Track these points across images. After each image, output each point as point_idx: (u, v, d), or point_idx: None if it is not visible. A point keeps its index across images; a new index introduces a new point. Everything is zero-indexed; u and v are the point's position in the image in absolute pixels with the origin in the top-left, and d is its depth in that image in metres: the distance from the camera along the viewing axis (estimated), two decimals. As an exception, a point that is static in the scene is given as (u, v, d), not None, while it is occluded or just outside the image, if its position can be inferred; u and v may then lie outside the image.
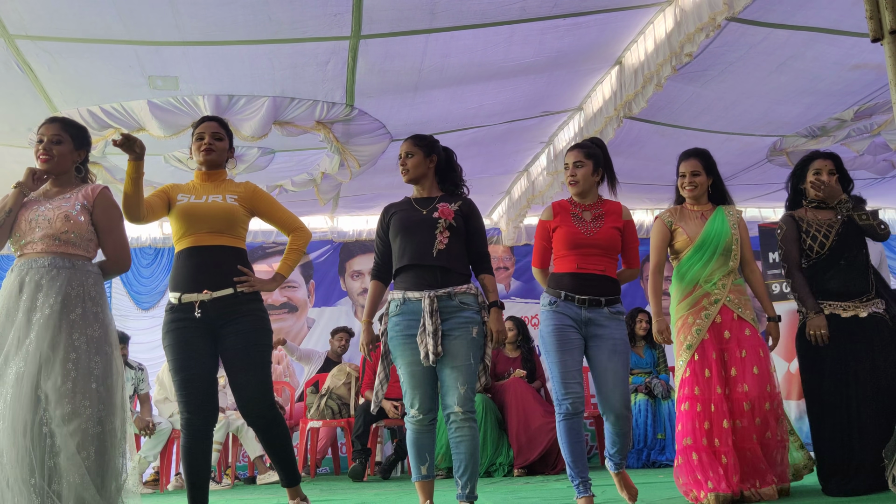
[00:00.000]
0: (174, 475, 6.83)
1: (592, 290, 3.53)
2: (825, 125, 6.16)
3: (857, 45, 4.93)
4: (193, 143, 3.48)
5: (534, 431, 6.27)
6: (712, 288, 3.79)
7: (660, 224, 3.97)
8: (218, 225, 3.29)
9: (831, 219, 3.91)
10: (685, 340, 3.78)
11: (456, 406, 3.36)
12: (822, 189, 3.87)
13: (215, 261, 3.27)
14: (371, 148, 5.99)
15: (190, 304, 3.23)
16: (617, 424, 3.56)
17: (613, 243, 3.60)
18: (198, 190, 3.40)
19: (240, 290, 3.27)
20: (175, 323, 3.25)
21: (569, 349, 3.51)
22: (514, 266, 8.80)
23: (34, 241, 3.09)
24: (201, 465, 3.26)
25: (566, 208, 3.68)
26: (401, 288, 3.45)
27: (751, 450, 3.62)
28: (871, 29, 2.71)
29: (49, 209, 3.13)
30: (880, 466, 3.42)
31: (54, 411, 2.92)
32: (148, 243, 8.49)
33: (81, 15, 4.22)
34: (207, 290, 3.22)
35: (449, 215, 3.46)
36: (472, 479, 3.39)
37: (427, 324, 3.32)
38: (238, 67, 4.86)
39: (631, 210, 4.07)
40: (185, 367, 3.21)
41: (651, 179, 7.41)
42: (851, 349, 3.72)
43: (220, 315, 3.24)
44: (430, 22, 4.51)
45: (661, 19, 4.98)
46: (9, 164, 5.96)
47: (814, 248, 3.86)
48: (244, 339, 3.24)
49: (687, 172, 3.93)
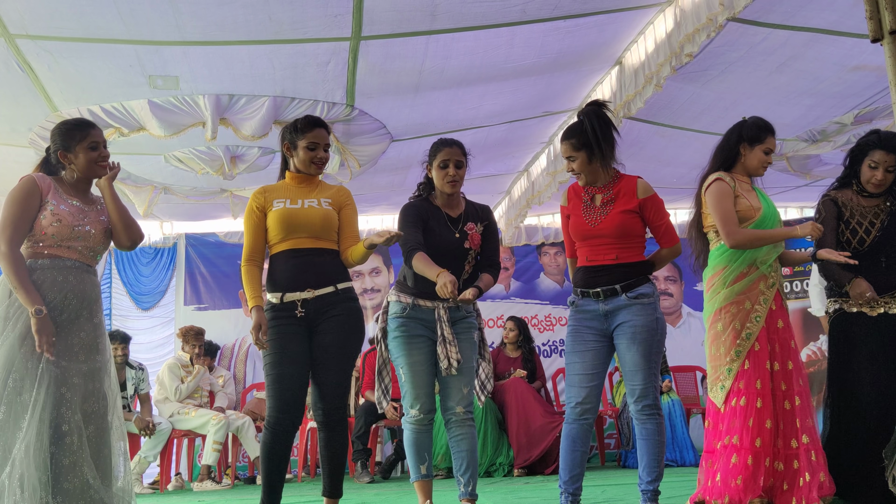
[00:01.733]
0: (174, 475, 6.83)
1: (604, 281, 3.31)
2: (825, 129, 6.16)
3: (858, 45, 4.93)
4: (302, 148, 3.38)
5: (534, 431, 6.27)
6: (769, 270, 3.41)
7: (723, 184, 3.47)
8: (315, 230, 3.32)
9: (878, 206, 3.64)
10: (742, 329, 3.36)
11: (458, 406, 3.41)
12: (880, 188, 3.61)
13: (315, 261, 3.31)
14: (371, 148, 5.99)
15: (291, 304, 3.26)
16: (638, 421, 3.29)
17: (625, 229, 3.32)
18: (293, 193, 3.39)
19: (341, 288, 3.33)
20: (276, 321, 3.27)
21: (580, 351, 3.36)
22: (514, 266, 8.80)
23: (70, 252, 3.16)
24: (281, 467, 3.26)
25: (578, 193, 3.46)
26: (410, 293, 3.42)
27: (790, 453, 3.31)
28: (870, 29, 2.71)
29: (92, 221, 3.22)
30: (880, 467, 3.32)
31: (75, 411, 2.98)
32: (148, 243, 8.49)
33: (82, 14, 4.22)
34: (310, 288, 3.26)
35: (476, 245, 3.49)
36: (473, 477, 3.43)
37: (446, 333, 3.35)
38: (238, 67, 4.86)
39: (672, 210, 3.84)
40: (278, 364, 3.22)
41: (651, 181, 7.38)
42: (882, 350, 3.50)
43: (319, 313, 3.28)
44: (431, 24, 4.51)
45: (660, 19, 4.98)
46: (9, 163, 5.96)
47: (851, 243, 3.61)
48: (338, 336, 3.29)
49: (772, 150, 3.54)
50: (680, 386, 7.39)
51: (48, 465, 2.89)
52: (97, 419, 3.05)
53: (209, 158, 5.83)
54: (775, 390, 3.32)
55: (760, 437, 3.25)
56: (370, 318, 8.33)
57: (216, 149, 5.71)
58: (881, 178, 3.59)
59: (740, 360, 3.35)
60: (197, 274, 8.47)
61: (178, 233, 8.56)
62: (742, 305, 3.38)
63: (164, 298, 8.38)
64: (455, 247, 3.45)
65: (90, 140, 3.22)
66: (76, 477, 2.93)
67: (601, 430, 7.17)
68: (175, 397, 6.67)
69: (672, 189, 7.55)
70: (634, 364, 3.27)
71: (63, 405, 2.97)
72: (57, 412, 2.95)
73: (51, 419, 2.93)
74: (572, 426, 3.36)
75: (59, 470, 2.91)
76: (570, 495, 3.36)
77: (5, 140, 5.70)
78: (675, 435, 6.54)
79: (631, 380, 3.30)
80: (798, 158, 6.71)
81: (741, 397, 3.32)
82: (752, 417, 3.28)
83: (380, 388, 3.58)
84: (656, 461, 3.29)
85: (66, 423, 2.96)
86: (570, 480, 3.36)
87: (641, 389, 3.28)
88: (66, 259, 3.12)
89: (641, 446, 3.31)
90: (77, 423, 2.98)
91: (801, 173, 7.02)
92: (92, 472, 2.96)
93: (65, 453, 2.93)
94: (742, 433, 3.27)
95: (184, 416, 6.63)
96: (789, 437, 3.30)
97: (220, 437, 6.53)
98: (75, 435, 2.96)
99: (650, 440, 3.28)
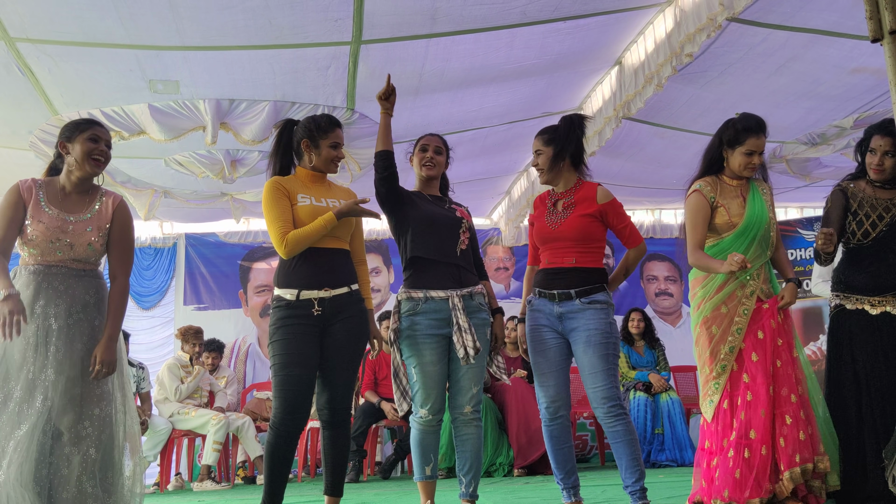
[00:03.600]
0: (174, 475, 6.85)
1: (561, 284, 3.36)
2: (825, 133, 6.16)
3: (857, 47, 4.93)
4: (326, 147, 3.38)
5: (534, 431, 6.28)
6: (746, 279, 3.36)
7: (699, 198, 3.42)
8: (337, 230, 3.30)
9: (890, 200, 3.51)
10: (724, 343, 3.33)
11: (467, 406, 3.39)
12: (880, 174, 3.49)
13: (334, 261, 3.30)
14: (372, 151, 5.98)
15: (307, 302, 3.23)
16: (606, 423, 3.29)
17: (583, 232, 3.37)
18: (313, 191, 3.37)
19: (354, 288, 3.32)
20: (288, 320, 3.23)
21: (541, 350, 3.40)
22: (514, 266, 8.81)
23: (54, 262, 3.10)
24: (284, 469, 3.25)
25: (544, 200, 3.53)
26: (420, 286, 3.39)
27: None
28: (870, 29, 2.71)
29: (72, 234, 3.10)
30: (880, 467, 3.29)
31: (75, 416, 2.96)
32: (148, 243, 8.49)
33: (82, 19, 4.22)
34: (328, 287, 3.25)
35: (468, 218, 3.51)
36: (476, 478, 3.44)
37: (461, 321, 3.31)
38: (239, 72, 4.86)
39: (630, 211, 3.90)
40: (287, 365, 3.20)
41: (651, 182, 7.42)
42: (881, 348, 3.41)
43: (333, 314, 3.27)
44: (431, 27, 4.52)
45: (660, 20, 4.99)
46: (10, 165, 5.97)
47: (856, 234, 3.51)
48: (348, 338, 3.29)
49: (757, 151, 3.42)
50: (680, 386, 7.40)
51: (43, 475, 2.88)
52: (101, 422, 3.03)
53: (209, 162, 5.83)
54: (775, 379, 3.25)
55: (755, 429, 3.21)
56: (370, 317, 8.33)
57: (216, 152, 5.72)
58: (878, 161, 3.49)
59: (726, 374, 3.32)
60: (197, 274, 8.48)
61: (178, 233, 8.57)
62: (721, 313, 3.34)
63: (164, 298, 8.39)
64: (446, 215, 3.47)
65: (92, 132, 3.15)
66: (74, 486, 2.91)
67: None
68: (175, 397, 6.69)
69: (672, 190, 7.57)
70: (593, 367, 3.28)
71: (60, 413, 2.94)
72: (52, 422, 2.93)
73: (48, 429, 2.92)
74: (551, 426, 3.41)
75: (57, 479, 2.90)
76: (571, 488, 3.43)
77: (6, 143, 5.70)
78: (676, 434, 6.55)
79: (592, 383, 3.29)
80: (798, 161, 6.72)
81: (734, 398, 3.29)
82: (742, 411, 3.24)
83: (398, 390, 3.55)
84: (635, 460, 3.28)
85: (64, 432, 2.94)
86: (565, 476, 3.43)
87: (604, 390, 3.27)
88: (52, 266, 3.07)
89: (617, 449, 3.30)
90: (73, 431, 2.95)
91: (800, 175, 7.03)
92: (91, 480, 2.94)
93: (62, 462, 2.92)
94: (737, 429, 3.24)
95: (184, 416, 6.64)
96: (784, 414, 3.24)
97: (220, 437, 6.55)
98: (71, 444, 2.93)
99: (623, 441, 3.27)
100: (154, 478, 6.73)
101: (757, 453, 3.19)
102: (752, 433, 3.21)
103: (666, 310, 8.84)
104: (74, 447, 2.94)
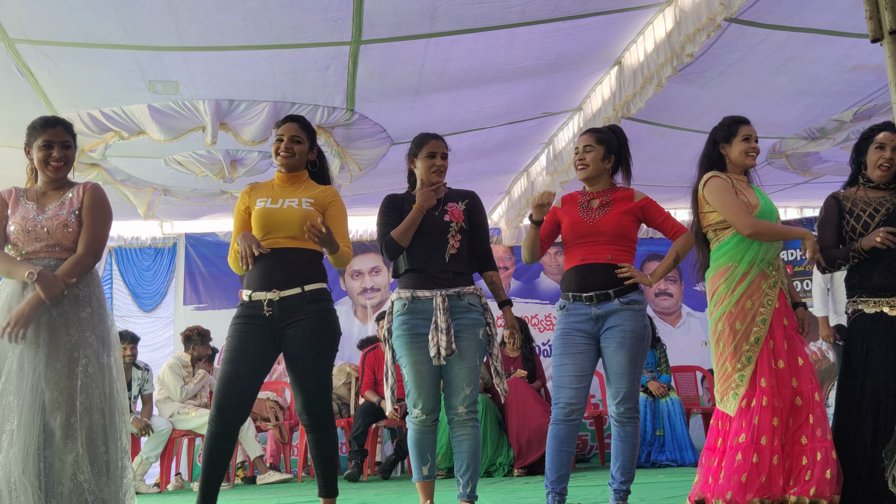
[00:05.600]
0: (174, 475, 6.85)
1: (597, 283, 3.38)
2: (824, 127, 6.17)
3: (857, 45, 4.93)
4: (273, 144, 3.45)
5: (534, 431, 6.28)
6: (769, 268, 3.33)
7: (720, 180, 3.40)
8: (293, 230, 3.29)
9: (883, 197, 3.50)
10: (749, 334, 3.28)
11: (461, 406, 3.39)
12: (887, 171, 3.43)
13: (289, 262, 3.30)
14: (372, 152, 6.00)
15: (259, 303, 3.26)
16: (617, 423, 3.38)
17: (622, 230, 3.41)
18: (275, 193, 3.40)
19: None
20: (240, 318, 3.28)
21: (569, 353, 3.41)
22: (514, 266, 8.81)
23: (36, 250, 3.12)
24: (216, 465, 3.24)
25: (574, 198, 3.57)
26: (408, 286, 3.42)
27: (799, 452, 3.23)
28: (870, 29, 2.72)
29: (47, 219, 3.13)
30: (880, 467, 3.27)
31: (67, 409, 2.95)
32: (148, 243, 8.49)
33: (82, 19, 4.22)
34: (276, 289, 3.25)
35: (459, 218, 3.50)
36: (473, 479, 3.43)
37: (440, 321, 3.31)
38: (238, 72, 4.86)
39: None
40: (230, 361, 3.23)
41: (650, 181, 7.41)
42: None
43: (285, 315, 3.26)
44: (431, 26, 4.52)
45: (660, 20, 4.99)
46: (10, 164, 5.96)
47: (857, 230, 3.46)
48: (306, 340, 3.26)
49: (752, 136, 3.45)
50: (680, 386, 7.40)
51: (40, 469, 2.89)
52: (92, 415, 3.01)
53: (209, 162, 5.83)
54: (782, 387, 3.25)
55: (765, 435, 3.19)
56: (370, 317, 8.34)
57: (216, 152, 5.72)
58: (889, 155, 3.45)
59: (752, 364, 3.28)
60: (196, 274, 8.47)
61: (177, 233, 8.57)
62: (745, 306, 3.30)
63: (165, 300, 8.39)
64: (434, 221, 3.46)
65: (45, 138, 3.18)
66: (69, 480, 2.91)
67: (601, 430, 7.18)
68: (180, 397, 6.68)
69: (672, 188, 7.56)
70: (621, 368, 3.35)
71: (51, 406, 2.94)
72: (44, 414, 2.94)
73: (38, 421, 2.92)
74: (560, 427, 3.40)
75: (50, 473, 2.91)
76: (557, 495, 3.41)
77: (6, 142, 5.70)
78: (675, 435, 6.55)
79: (616, 383, 3.37)
80: (797, 156, 6.72)
81: (751, 399, 3.26)
82: (756, 415, 3.22)
83: (387, 389, 3.56)
84: (631, 462, 3.38)
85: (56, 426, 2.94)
86: (556, 480, 3.41)
87: (626, 393, 3.36)
88: (36, 260, 3.09)
89: (618, 447, 3.38)
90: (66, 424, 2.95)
91: (800, 171, 7.03)
92: (86, 473, 2.94)
93: (55, 456, 2.92)
94: (748, 432, 3.21)
95: (184, 417, 6.64)
96: (798, 434, 3.23)
97: (221, 438, 6.54)
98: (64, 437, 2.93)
99: (628, 442, 3.38)
100: (154, 478, 6.73)
101: (766, 461, 3.18)
102: (763, 439, 3.19)
103: (666, 310, 8.83)
104: (67, 440, 2.93)
